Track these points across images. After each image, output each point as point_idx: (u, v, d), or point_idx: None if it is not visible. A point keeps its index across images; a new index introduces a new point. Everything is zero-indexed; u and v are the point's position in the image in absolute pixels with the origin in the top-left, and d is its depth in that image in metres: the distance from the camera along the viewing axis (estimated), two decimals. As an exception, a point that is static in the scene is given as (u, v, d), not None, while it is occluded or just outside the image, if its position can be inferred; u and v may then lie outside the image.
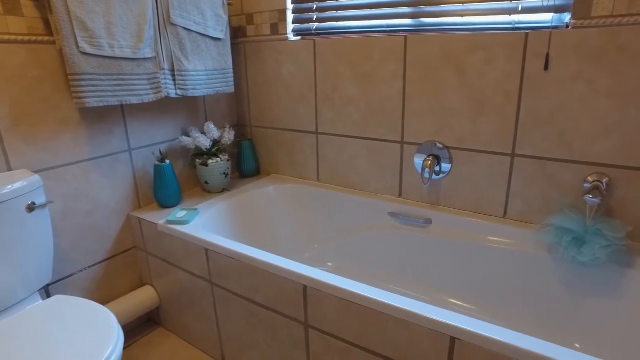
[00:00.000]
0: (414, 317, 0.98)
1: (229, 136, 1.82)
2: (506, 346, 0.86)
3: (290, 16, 1.79)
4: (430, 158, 1.52)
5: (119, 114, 1.56)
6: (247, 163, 2.00)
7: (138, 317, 1.72)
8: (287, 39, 1.81)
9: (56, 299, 1.25)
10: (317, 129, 1.83)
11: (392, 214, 1.68)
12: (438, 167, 1.55)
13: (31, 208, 1.23)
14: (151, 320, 1.84)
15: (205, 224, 1.55)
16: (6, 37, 1.25)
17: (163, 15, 1.53)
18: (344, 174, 1.81)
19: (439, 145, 1.53)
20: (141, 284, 1.77)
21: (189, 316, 1.62)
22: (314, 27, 1.74)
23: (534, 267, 1.39)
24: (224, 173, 1.78)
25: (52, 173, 1.41)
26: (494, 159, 1.44)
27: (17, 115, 1.31)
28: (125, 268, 1.70)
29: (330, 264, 1.77)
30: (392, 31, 1.56)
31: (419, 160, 1.59)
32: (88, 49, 1.32)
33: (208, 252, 1.39)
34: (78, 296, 1.53)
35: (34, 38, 1.31)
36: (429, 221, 1.60)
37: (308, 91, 1.80)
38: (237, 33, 1.95)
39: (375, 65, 1.59)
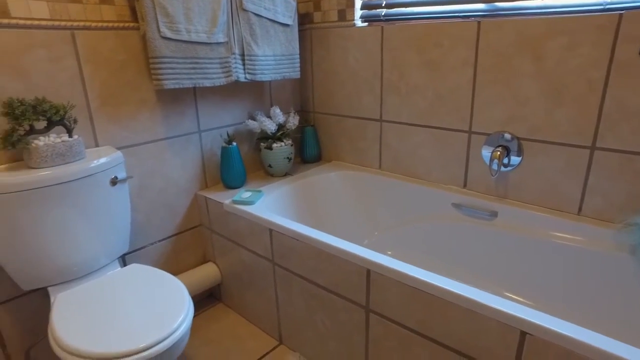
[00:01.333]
0: (482, 308, 0.95)
1: (293, 121, 1.85)
2: (583, 345, 0.82)
3: (358, 2, 1.78)
4: (500, 149, 1.46)
5: (191, 96, 1.64)
6: (309, 148, 2.02)
7: (200, 292, 1.81)
8: (354, 25, 1.80)
9: (133, 267, 1.35)
10: (381, 117, 1.82)
11: (456, 205, 1.64)
12: (507, 158, 1.49)
13: (114, 182, 1.32)
14: (212, 295, 1.92)
15: (269, 205, 1.59)
16: (100, 24, 1.34)
17: (236, 2, 1.58)
18: (407, 163, 1.79)
19: (508, 135, 1.47)
20: (204, 261, 1.86)
21: (248, 294, 1.68)
22: (383, 13, 1.72)
23: (611, 268, 1.30)
24: (288, 157, 1.82)
25: (131, 150, 1.51)
26: (570, 152, 1.36)
27: (105, 96, 1.40)
28: (191, 244, 1.79)
29: (389, 253, 1.76)
30: (465, 16, 1.50)
31: (486, 150, 1.54)
32: (168, 33, 1.39)
33: (272, 232, 1.43)
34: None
35: (121, 24, 1.40)
36: (494, 214, 1.54)
37: (373, 78, 1.79)
38: (303, 19, 1.97)
39: (445, 52, 1.55)
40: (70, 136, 1.26)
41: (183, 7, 1.42)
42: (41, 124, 1.23)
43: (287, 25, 1.77)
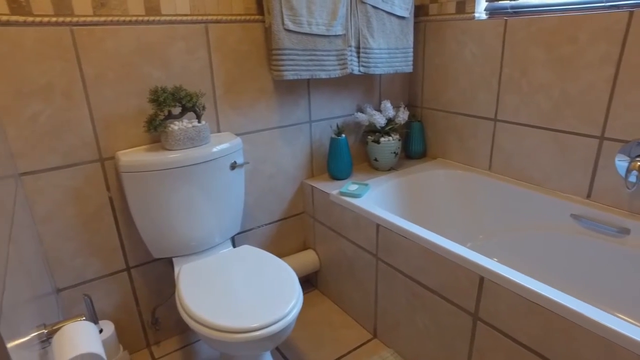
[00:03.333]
0: (616, 336, 0.87)
1: (403, 116, 1.83)
2: None
3: (481, -7, 1.69)
4: (640, 158, 1.30)
5: (304, 87, 1.68)
6: (415, 144, 1.98)
7: (298, 277, 1.88)
8: (473, 18, 1.71)
9: (245, 247, 1.43)
10: (495, 116, 1.71)
11: (575, 216, 1.50)
12: (647, 169, 1.32)
13: (233, 166, 1.41)
14: (308, 281, 1.98)
15: (375, 199, 1.60)
16: (229, 17, 1.43)
17: (355, -6, 1.58)
18: (521, 166, 1.68)
19: (653, 144, 1.30)
20: (304, 247, 1.92)
21: (346, 284, 1.70)
22: (509, 5, 1.61)
23: None
24: (394, 152, 1.80)
25: (248, 137, 1.60)
26: None
27: (228, 84, 1.50)
28: (293, 230, 1.86)
29: (495, 259, 1.67)
30: (613, 6, 1.35)
31: (622, 160, 1.38)
32: (291, 26, 1.44)
33: (379, 227, 1.43)
34: (256, 248, 1.73)
35: (248, 17, 1.47)
36: (625, 231, 1.39)
37: (491, 75, 1.69)
38: (418, 11, 1.91)
39: (580, 47, 1.41)
40: (199, 122, 1.36)
41: (306, 0, 1.45)
42: (176, 110, 1.35)
43: (403, 17, 1.74)
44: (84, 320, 0.85)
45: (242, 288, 1.20)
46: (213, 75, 1.46)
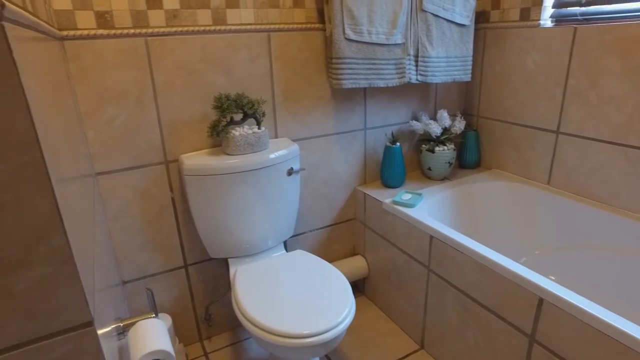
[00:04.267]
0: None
1: (459, 125, 1.79)
2: None
3: (547, 0, 1.62)
4: None
5: (361, 95, 1.69)
6: (469, 154, 1.94)
7: (347, 282, 1.89)
8: (538, 25, 1.65)
9: (298, 252, 1.46)
10: (558, 128, 1.65)
11: (645, 238, 1.41)
12: None
13: (290, 172, 1.45)
14: (355, 287, 1.99)
15: (428, 209, 1.58)
16: (291, 25, 1.46)
17: (416, 2, 1.57)
18: (584, 182, 1.60)
19: None
20: (353, 253, 1.93)
21: (394, 293, 1.70)
22: (579, 12, 1.54)
23: None
24: (449, 162, 1.77)
25: (304, 143, 1.63)
26: None
27: (287, 91, 1.53)
28: (343, 236, 1.87)
29: (552, 277, 1.61)
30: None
31: (701, 180, 1.29)
32: (352, 35, 1.45)
33: (432, 239, 1.42)
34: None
35: (308, 26, 1.50)
36: (701, 256, 1.29)
37: (555, 85, 1.62)
38: (478, 18, 1.87)
39: (658, 59, 1.33)
40: (259, 128, 1.41)
41: (367, 9, 1.46)
42: (238, 116, 1.40)
43: (463, 25, 1.70)
44: (154, 317, 0.91)
45: (296, 293, 1.23)
46: (273, 82, 1.50)
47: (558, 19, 1.63)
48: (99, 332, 0.64)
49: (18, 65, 0.51)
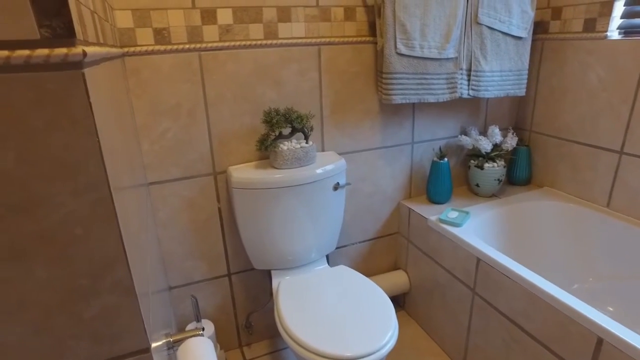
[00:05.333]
0: None
1: (511, 142, 1.72)
2: None
3: (618, 9, 1.52)
4: None
5: (410, 108, 1.66)
6: (519, 170, 1.86)
7: (387, 296, 1.87)
8: (605, 37, 1.55)
9: (341, 268, 1.45)
10: (622, 148, 1.55)
11: None
12: None
13: (335, 187, 1.44)
14: (395, 302, 1.96)
15: (475, 229, 1.53)
16: (342, 39, 1.45)
17: (471, 14, 1.52)
18: (648, 207, 1.50)
19: None
20: (394, 267, 1.90)
21: (436, 311, 1.66)
22: (650, 27, 1.44)
23: None
24: (498, 179, 1.71)
25: (350, 156, 1.61)
26: None
27: (335, 104, 1.52)
28: (385, 250, 1.85)
29: (610, 309, 1.52)
30: None
31: None
32: (403, 50, 1.42)
33: (480, 261, 1.37)
34: (345, 265, 1.75)
35: (359, 39, 1.48)
36: None
37: (621, 102, 1.53)
38: (536, 29, 1.79)
39: None
40: (307, 142, 1.41)
41: (420, 23, 1.43)
42: (286, 130, 1.40)
43: (519, 38, 1.63)
44: (202, 335, 0.93)
45: (339, 312, 1.22)
46: (322, 95, 1.49)
47: (627, 31, 1.53)
48: (153, 345, 0.67)
49: (93, 106, 0.53)
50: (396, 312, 1.89)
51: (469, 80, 1.58)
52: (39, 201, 0.52)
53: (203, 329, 0.96)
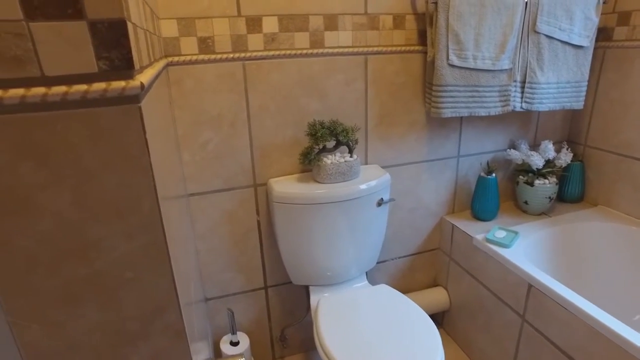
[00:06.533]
0: None
1: (565, 158, 1.62)
2: None
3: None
4: None
5: (457, 121, 1.58)
6: (571, 186, 1.75)
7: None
8: (675, 48, 1.43)
9: (382, 288, 1.39)
10: (691, 169, 1.42)
11: None
12: None
13: (379, 203, 1.38)
14: (433, 319, 1.88)
15: (525, 250, 1.44)
16: (390, 48, 1.39)
17: (528, 23, 1.42)
18: None
19: None
20: (434, 284, 1.83)
21: (479, 334, 1.58)
22: None
23: None
24: (549, 197, 1.61)
25: (394, 170, 1.55)
26: None
27: (381, 116, 1.46)
28: (425, 265, 1.78)
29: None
30: None
31: None
32: (455, 61, 1.34)
33: (531, 288, 1.29)
34: (383, 280, 1.69)
35: (408, 48, 1.41)
36: None
37: (691, 119, 1.40)
38: (597, 36, 1.66)
39: None
40: (351, 156, 1.35)
41: (474, 32, 1.34)
42: (330, 144, 1.35)
43: (580, 47, 1.52)
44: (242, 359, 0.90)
45: (381, 335, 1.17)
46: (367, 106, 1.43)
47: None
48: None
49: (149, 142, 0.49)
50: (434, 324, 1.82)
51: (522, 92, 1.49)
52: (91, 244, 0.49)
53: (243, 357, 0.93)
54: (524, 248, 1.46)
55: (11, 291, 0.47)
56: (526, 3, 1.40)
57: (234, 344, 1.44)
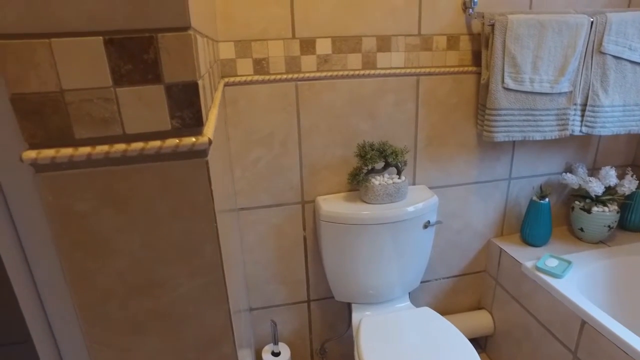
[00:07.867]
0: None
1: (629, 185, 1.53)
2: None
3: None
4: None
5: (510, 142, 1.53)
6: (634, 214, 1.65)
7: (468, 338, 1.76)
8: None
9: (425, 311, 1.38)
10: None
11: None
12: None
13: (426, 225, 1.37)
14: (475, 342, 1.84)
15: (579, 282, 1.38)
16: (443, 69, 1.37)
17: (593, 43, 1.36)
18: None
19: None
20: (478, 307, 1.79)
21: (525, 364, 1.53)
22: None
23: None
24: (608, 226, 1.53)
25: (441, 191, 1.53)
26: None
27: (431, 137, 1.45)
28: (469, 287, 1.74)
29: None
30: None
31: None
32: (511, 84, 1.31)
33: (585, 324, 1.23)
34: (425, 301, 1.67)
35: (461, 69, 1.39)
36: None
37: None
38: (668, 56, 1.56)
39: None
40: (399, 177, 1.35)
41: (532, 55, 1.30)
42: (379, 165, 1.36)
43: (649, 68, 1.44)
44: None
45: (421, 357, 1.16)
46: (417, 127, 1.43)
47: None
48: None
49: (214, 193, 0.52)
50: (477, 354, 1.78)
51: (582, 115, 1.42)
52: (158, 282, 0.52)
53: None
54: (578, 279, 1.39)
55: (90, 319, 0.52)
56: (592, 22, 1.34)
57: (276, 354, 1.48)
